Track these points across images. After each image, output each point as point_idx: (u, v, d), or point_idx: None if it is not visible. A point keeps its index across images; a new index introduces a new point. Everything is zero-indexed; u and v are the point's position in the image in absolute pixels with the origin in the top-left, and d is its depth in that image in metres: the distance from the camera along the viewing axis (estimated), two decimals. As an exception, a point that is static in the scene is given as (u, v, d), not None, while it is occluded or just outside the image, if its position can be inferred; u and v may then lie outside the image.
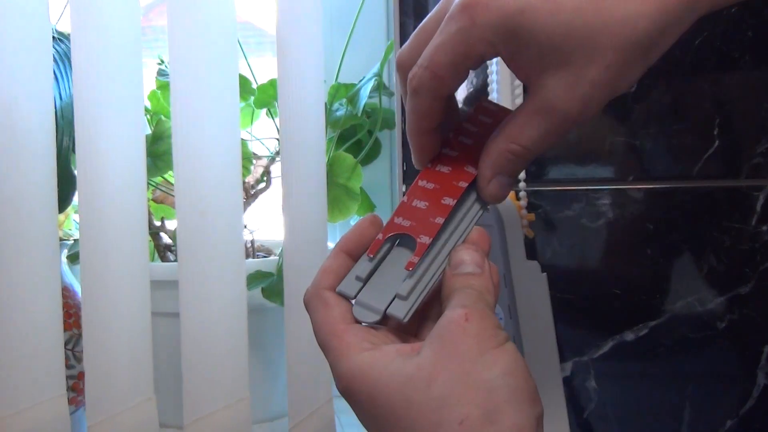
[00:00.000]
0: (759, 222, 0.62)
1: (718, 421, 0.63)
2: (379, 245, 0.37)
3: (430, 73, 0.37)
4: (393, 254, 0.38)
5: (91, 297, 0.62)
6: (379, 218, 0.39)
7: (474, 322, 0.33)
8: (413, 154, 0.41)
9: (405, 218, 0.38)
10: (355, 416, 0.35)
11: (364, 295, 0.37)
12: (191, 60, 0.60)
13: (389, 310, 0.36)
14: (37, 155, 0.64)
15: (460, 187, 0.38)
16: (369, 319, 0.36)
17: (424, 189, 0.38)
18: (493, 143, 0.38)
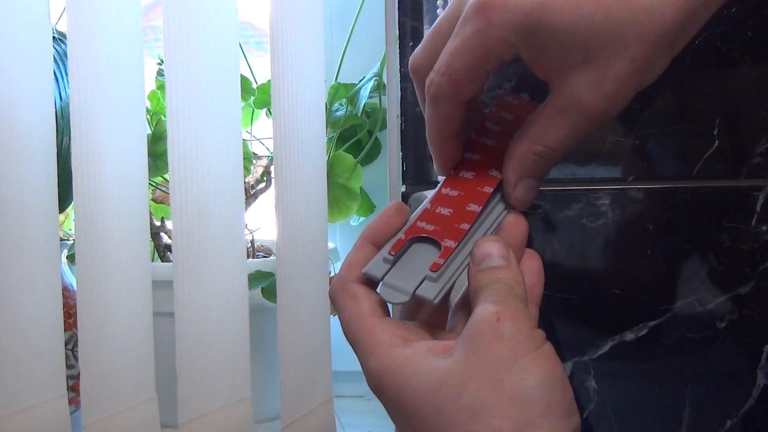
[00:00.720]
0: (759, 222, 0.61)
1: (718, 421, 0.63)
2: (401, 245, 0.36)
3: (448, 79, 0.35)
4: (418, 245, 0.36)
5: (88, 297, 0.62)
6: (405, 206, 0.38)
7: (507, 322, 0.31)
8: (435, 161, 0.39)
9: (428, 223, 0.36)
10: (353, 417, 0.35)
11: (392, 277, 0.35)
12: (190, 60, 0.60)
13: (419, 291, 0.34)
14: (37, 155, 0.64)
15: (485, 193, 0.37)
16: (397, 300, 0.34)
17: (447, 197, 0.37)
18: (516, 146, 0.36)
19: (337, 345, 0.76)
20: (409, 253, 0.36)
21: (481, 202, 0.37)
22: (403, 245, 0.36)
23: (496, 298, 0.33)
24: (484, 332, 0.31)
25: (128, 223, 0.64)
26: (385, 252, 0.36)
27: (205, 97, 0.61)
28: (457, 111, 0.37)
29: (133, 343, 0.64)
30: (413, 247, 0.36)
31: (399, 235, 0.36)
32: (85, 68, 0.61)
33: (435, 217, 0.36)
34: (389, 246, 0.36)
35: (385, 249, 0.36)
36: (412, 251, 0.36)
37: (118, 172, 0.63)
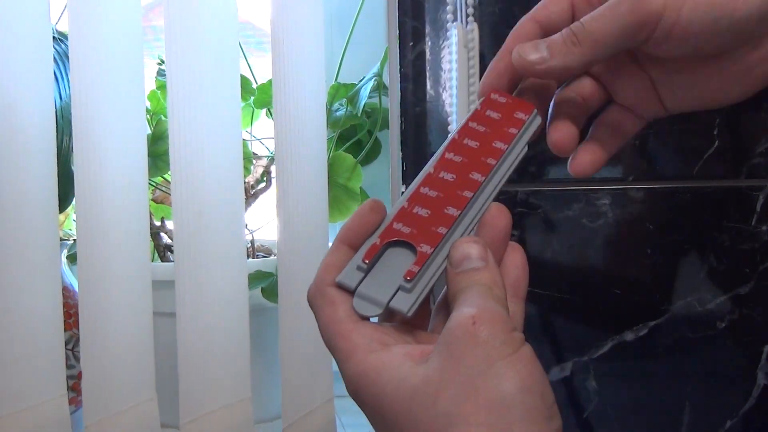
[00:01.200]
0: (759, 222, 0.62)
1: (718, 421, 0.63)
2: (376, 251, 0.35)
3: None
4: (394, 250, 0.35)
5: (89, 296, 0.62)
6: (381, 203, 0.36)
7: (482, 326, 0.30)
8: (486, 72, 0.39)
9: (405, 224, 0.35)
10: (353, 417, 0.34)
11: (366, 287, 0.34)
12: (190, 60, 0.60)
13: (392, 303, 0.34)
14: (37, 155, 0.64)
15: (465, 197, 0.36)
16: (370, 312, 0.34)
17: (426, 196, 0.36)
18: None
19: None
20: (384, 258, 0.35)
21: (460, 207, 0.36)
22: (378, 251, 0.35)
23: (473, 302, 0.32)
24: (459, 337, 0.30)
25: (128, 223, 0.64)
26: (359, 259, 0.35)
27: (205, 97, 0.61)
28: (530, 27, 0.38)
29: (133, 343, 0.64)
30: (389, 252, 0.35)
31: (374, 239, 0.35)
32: (86, 68, 0.61)
33: (412, 218, 0.35)
34: (363, 252, 0.35)
35: (360, 255, 0.35)
36: (387, 256, 0.35)
37: (118, 172, 0.63)
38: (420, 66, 0.66)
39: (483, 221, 0.36)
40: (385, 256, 0.35)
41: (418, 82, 0.66)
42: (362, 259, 0.34)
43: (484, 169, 0.37)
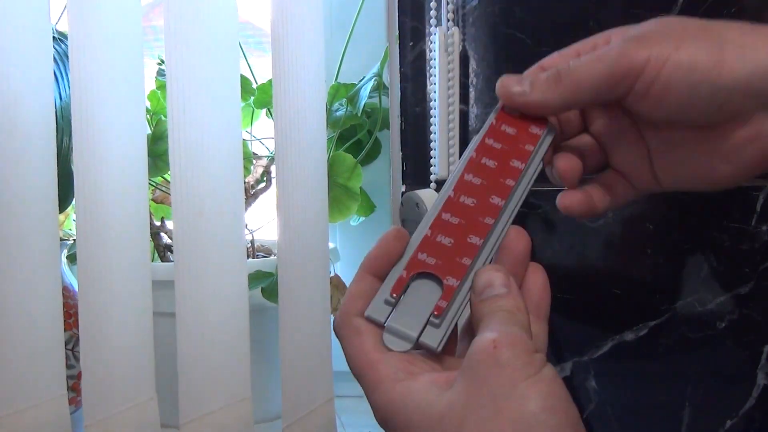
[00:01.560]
0: (759, 222, 0.61)
1: (718, 421, 0.63)
2: (403, 284, 0.35)
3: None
4: (420, 281, 0.36)
5: (89, 296, 0.62)
6: (404, 231, 0.37)
7: (504, 349, 0.31)
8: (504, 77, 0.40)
9: (429, 255, 0.36)
10: (354, 417, 0.35)
11: (395, 321, 0.35)
12: (190, 60, 0.60)
13: (422, 339, 0.34)
14: (37, 155, 0.64)
15: (486, 224, 0.36)
16: (400, 348, 0.34)
17: (448, 224, 0.36)
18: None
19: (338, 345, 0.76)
20: (410, 290, 0.36)
21: (483, 235, 0.36)
22: (405, 284, 0.35)
23: (495, 326, 0.32)
24: (481, 361, 0.31)
25: (128, 223, 0.64)
26: (386, 293, 0.35)
27: (205, 97, 0.61)
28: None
29: (133, 343, 0.64)
30: (415, 284, 0.36)
31: (400, 270, 0.35)
32: (86, 68, 0.61)
33: (435, 248, 0.36)
34: (391, 285, 0.35)
35: (387, 288, 0.35)
36: (413, 288, 0.36)
37: (118, 172, 0.63)
38: (420, 66, 0.66)
39: (503, 245, 0.37)
40: (411, 288, 0.36)
41: (418, 82, 0.66)
42: (390, 293, 0.35)
43: (503, 191, 0.37)
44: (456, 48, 0.60)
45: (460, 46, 0.61)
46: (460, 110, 0.63)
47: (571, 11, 0.63)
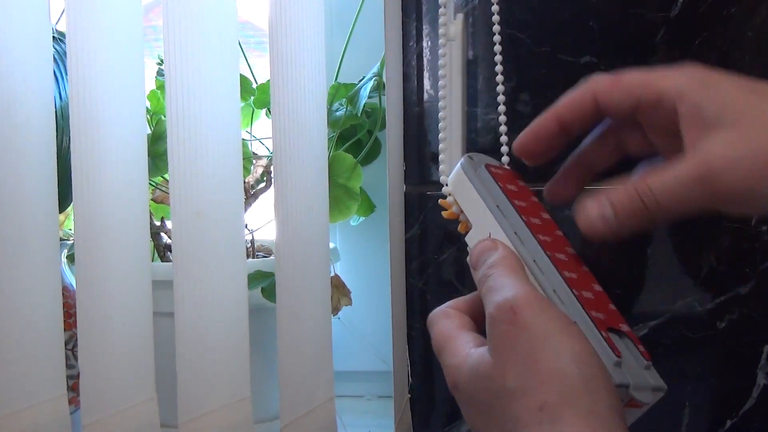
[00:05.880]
0: (759, 222, 0.61)
1: (718, 421, 0.63)
2: (614, 344, 0.36)
3: (610, 76, 0.40)
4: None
5: (88, 297, 0.62)
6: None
7: (523, 312, 0.34)
8: (525, 130, 0.42)
9: (596, 311, 0.37)
10: (354, 417, 0.37)
11: (631, 377, 0.36)
12: (190, 60, 0.60)
13: (654, 384, 0.37)
14: (37, 155, 0.64)
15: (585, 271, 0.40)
16: (651, 400, 0.36)
17: (574, 280, 0.38)
18: (630, 180, 0.39)
19: (339, 345, 0.76)
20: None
21: (593, 279, 0.40)
22: (613, 342, 0.36)
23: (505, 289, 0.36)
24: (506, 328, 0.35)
25: (128, 223, 0.64)
26: (611, 357, 0.35)
27: (205, 97, 0.61)
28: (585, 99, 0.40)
29: (133, 343, 0.64)
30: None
31: (598, 334, 0.36)
32: (85, 68, 0.61)
33: (591, 304, 0.37)
34: (609, 349, 0.35)
35: (609, 353, 0.35)
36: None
37: (118, 172, 0.63)
38: (420, 66, 0.66)
39: None
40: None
41: (418, 82, 0.66)
42: (615, 355, 0.35)
43: (561, 240, 0.41)
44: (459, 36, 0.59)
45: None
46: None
47: (571, 11, 0.63)
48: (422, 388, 0.67)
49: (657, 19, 0.61)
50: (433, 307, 0.66)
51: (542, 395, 0.32)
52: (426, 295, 0.67)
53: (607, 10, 0.62)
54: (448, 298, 0.66)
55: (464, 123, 0.60)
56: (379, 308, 0.79)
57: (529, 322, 0.34)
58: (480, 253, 0.39)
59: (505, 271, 0.37)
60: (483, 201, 0.41)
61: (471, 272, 0.40)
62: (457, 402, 0.38)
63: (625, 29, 0.61)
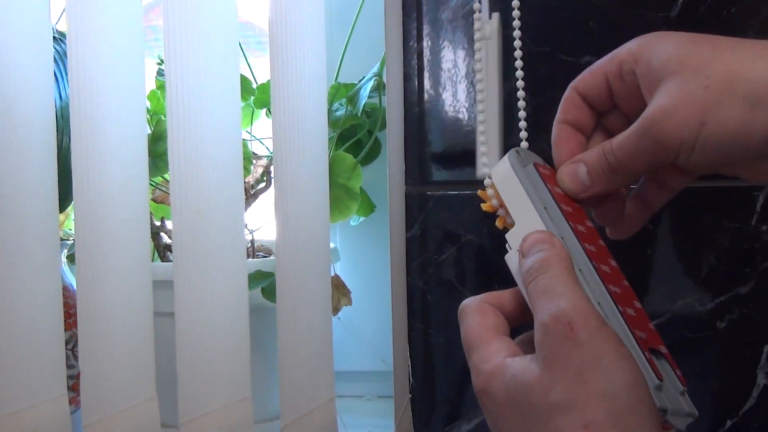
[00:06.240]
0: (759, 222, 0.61)
1: (718, 421, 0.63)
2: (656, 367, 0.36)
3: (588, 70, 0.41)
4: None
5: (88, 297, 0.62)
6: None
7: (580, 329, 0.33)
8: (552, 150, 0.43)
9: (639, 330, 0.37)
10: (355, 417, 0.36)
11: (670, 402, 0.36)
12: (190, 60, 0.60)
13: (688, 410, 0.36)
14: (37, 155, 0.64)
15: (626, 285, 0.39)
16: (684, 424, 0.36)
17: (619, 295, 0.38)
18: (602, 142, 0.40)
19: (339, 345, 0.76)
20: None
21: (634, 296, 0.39)
22: (654, 364, 0.36)
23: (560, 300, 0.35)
24: (560, 342, 0.34)
25: (128, 223, 0.64)
26: (653, 380, 0.35)
27: (205, 97, 0.61)
28: (571, 96, 0.42)
29: (133, 343, 0.64)
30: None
31: (642, 353, 0.36)
32: (85, 68, 0.61)
33: (634, 321, 0.37)
34: (652, 371, 0.35)
35: (649, 377, 0.35)
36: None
37: (118, 172, 0.63)
38: (420, 66, 0.66)
39: None
40: None
41: (418, 82, 0.66)
42: (657, 378, 0.35)
43: (604, 251, 0.40)
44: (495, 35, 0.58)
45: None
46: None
47: (571, 11, 0.63)
48: (423, 388, 0.67)
49: (657, 19, 0.61)
50: (434, 307, 0.67)
51: (590, 414, 0.32)
52: (426, 295, 0.67)
53: (607, 10, 0.62)
54: (448, 298, 0.66)
55: (502, 121, 0.59)
56: (379, 308, 0.79)
57: (584, 339, 0.33)
58: (535, 242, 0.38)
59: (561, 274, 0.36)
60: (530, 200, 0.39)
61: (517, 260, 0.39)
62: (483, 408, 0.37)
63: (625, 29, 0.61)
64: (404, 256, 0.66)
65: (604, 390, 0.32)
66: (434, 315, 0.66)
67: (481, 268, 0.66)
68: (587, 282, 0.37)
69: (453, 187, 0.66)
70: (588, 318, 0.34)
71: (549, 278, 0.36)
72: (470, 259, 0.66)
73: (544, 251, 0.37)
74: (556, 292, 0.35)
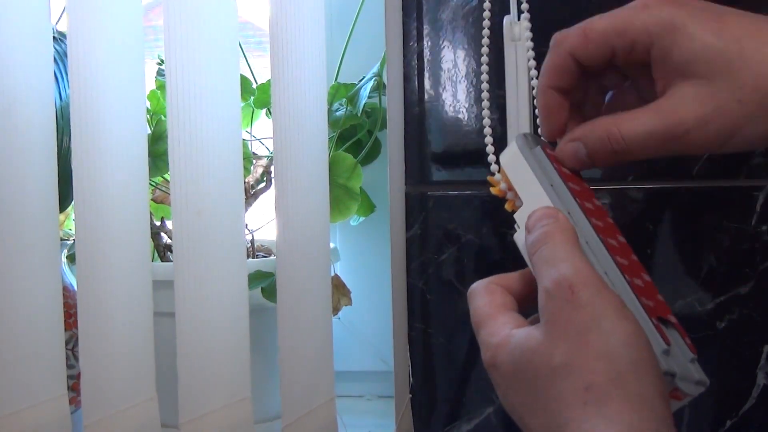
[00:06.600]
0: (759, 222, 0.61)
1: (718, 421, 0.63)
2: (663, 332, 0.36)
3: (579, 31, 0.39)
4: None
5: (88, 296, 0.62)
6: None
7: (581, 291, 0.33)
8: (539, 117, 0.42)
9: (646, 298, 0.37)
10: (355, 417, 0.36)
11: (678, 367, 0.36)
12: (190, 60, 0.60)
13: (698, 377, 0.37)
14: (37, 155, 0.64)
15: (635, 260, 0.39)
16: (698, 392, 0.37)
17: (626, 267, 0.38)
18: (600, 119, 0.39)
19: (339, 345, 0.76)
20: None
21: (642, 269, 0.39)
22: (663, 330, 0.36)
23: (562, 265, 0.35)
24: (562, 305, 0.34)
25: (128, 223, 0.64)
26: (660, 345, 0.35)
27: (205, 97, 0.61)
28: (569, 62, 0.40)
29: (133, 343, 0.64)
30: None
31: (649, 319, 0.36)
32: (85, 68, 0.61)
33: (641, 291, 0.37)
34: (659, 335, 0.35)
35: (656, 342, 0.35)
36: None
37: (118, 172, 0.63)
38: (420, 66, 0.66)
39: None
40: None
41: (418, 82, 0.66)
42: (665, 343, 0.35)
43: (612, 227, 0.40)
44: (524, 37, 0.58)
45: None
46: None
47: (571, 11, 0.63)
48: (423, 388, 0.67)
49: (657, 19, 0.61)
50: (434, 307, 0.67)
51: (590, 375, 0.32)
52: (426, 295, 0.67)
53: (606, 10, 0.62)
54: (449, 298, 0.66)
55: (532, 123, 0.59)
56: (379, 308, 0.79)
57: (585, 302, 0.33)
58: (539, 217, 0.38)
59: (563, 243, 0.36)
60: (537, 179, 0.40)
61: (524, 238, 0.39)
62: (493, 382, 0.37)
63: (625, 29, 0.61)
64: (404, 256, 0.66)
65: (604, 350, 0.32)
66: (434, 315, 0.67)
67: (481, 268, 0.66)
68: (594, 253, 0.37)
69: (453, 187, 0.66)
70: (588, 281, 0.34)
71: (551, 247, 0.36)
72: (470, 259, 0.66)
73: (547, 225, 0.37)
74: (558, 258, 0.35)
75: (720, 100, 0.36)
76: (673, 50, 0.37)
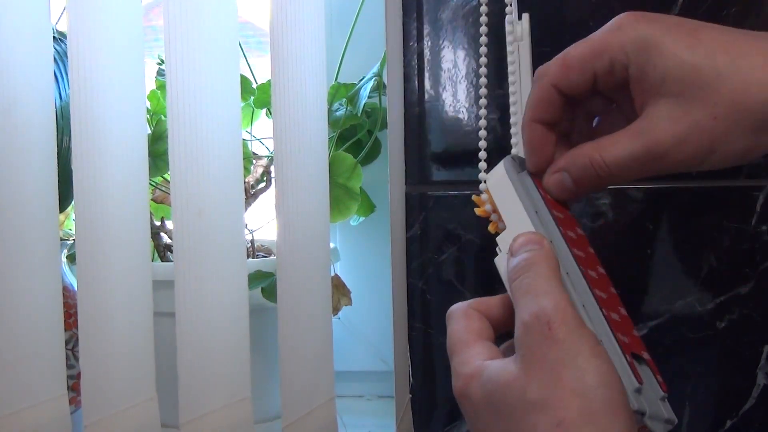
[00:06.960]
0: (759, 222, 0.62)
1: (718, 421, 0.63)
2: (636, 370, 0.36)
3: (559, 61, 0.39)
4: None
5: (88, 297, 0.62)
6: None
7: (558, 328, 0.33)
8: (525, 151, 0.42)
9: (621, 334, 0.37)
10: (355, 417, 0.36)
11: (648, 405, 0.36)
12: (190, 60, 0.60)
13: (667, 416, 0.37)
14: (37, 155, 0.64)
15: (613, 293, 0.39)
16: (666, 429, 0.37)
17: (604, 300, 0.38)
18: (582, 147, 0.39)
19: (339, 345, 0.76)
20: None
21: (619, 303, 0.39)
22: (635, 367, 0.36)
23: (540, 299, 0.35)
24: (538, 340, 0.34)
25: (128, 223, 0.64)
26: (632, 384, 0.35)
27: (205, 97, 0.61)
28: (552, 95, 0.40)
29: (133, 343, 0.64)
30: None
31: (622, 357, 0.36)
32: (85, 68, 0.61)
33: (618, 326, 0.37)
34: (632, 375, 0.35)
35: (630, 379, 0.35)
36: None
37: (118, 172, 0.63)
38: (420, 66, 0.66)
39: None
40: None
41: (418, 82, 0.66)
42: (637, 382, 0.35)
43: (592, 258, 0.40)
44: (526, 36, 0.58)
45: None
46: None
47: (571, 11, 0.63)
48: (423, 388, 0.67)
49: (657, 19, 0.61)
50: (434, 307, 0.67)
51: (562, 411, 0.32)
52: (426, 295, 0.67)
53: (606, 10, 0.62)
54: (449, 298, 0.66)
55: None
56: (379, 308, 0.79)
57: (561, 338, 0.33)
58: (524, 243, 0.38)
59: (546, 274, 0.36)
60: (522, 204, 0.40)
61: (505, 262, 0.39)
62: (463, 412, 0.37)
63: (625, 29, 0.61)
64: (404, 256, 0.66)
65: (578, 388, 0.32)
66: (434, 315, 0.67)
67: (481, 268, 0.66)
68: (573, 285, 0.37)
69: (453, 187, 0.66)
70: (567, 318, 0.34)
71: (533, 277, 0.36)
72: (470, 259, 0.66)
73: (532, 251, 0.37)
74: (539, 291, 0.35)
75: (695, 117, 0.36)
76: (648, 68, 0.36)
